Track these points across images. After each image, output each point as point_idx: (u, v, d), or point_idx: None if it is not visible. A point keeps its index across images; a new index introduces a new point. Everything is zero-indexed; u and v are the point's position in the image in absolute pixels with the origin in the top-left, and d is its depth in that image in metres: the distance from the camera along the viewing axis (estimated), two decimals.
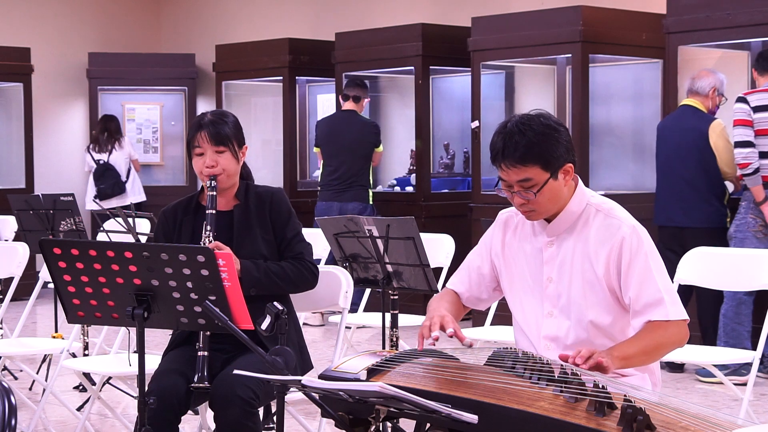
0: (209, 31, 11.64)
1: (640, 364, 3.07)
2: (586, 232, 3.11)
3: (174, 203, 4.00)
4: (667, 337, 3.02)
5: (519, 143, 3.01)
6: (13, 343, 5.41)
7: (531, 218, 3.14)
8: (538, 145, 3.00)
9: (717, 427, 2.44)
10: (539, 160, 3.01)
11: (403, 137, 9.77)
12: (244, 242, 3.83)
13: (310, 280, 3.89)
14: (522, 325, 3.25)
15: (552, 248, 3.15)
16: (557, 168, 3.04)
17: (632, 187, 8.21)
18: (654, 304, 3.02)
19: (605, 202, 3.17)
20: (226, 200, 3.91)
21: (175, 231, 3.91)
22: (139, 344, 3.24)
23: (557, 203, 3.10)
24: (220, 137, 3.84)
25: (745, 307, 6.43)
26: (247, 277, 3.73)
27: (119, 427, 5.38)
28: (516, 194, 3.06)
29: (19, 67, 10.48)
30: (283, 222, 3.89)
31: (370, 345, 7.37)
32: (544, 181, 3.02)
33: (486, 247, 3.34)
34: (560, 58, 8.31)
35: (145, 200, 10.13)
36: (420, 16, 9.47)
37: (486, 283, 3.34)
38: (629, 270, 3.04)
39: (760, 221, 6.43)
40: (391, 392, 2.44)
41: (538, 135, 3.01)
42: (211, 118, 3.89)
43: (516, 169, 3.02)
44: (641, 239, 3.07)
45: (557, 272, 3.14)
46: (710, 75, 6.78)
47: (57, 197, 6.54)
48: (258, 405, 3.57)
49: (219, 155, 3.85)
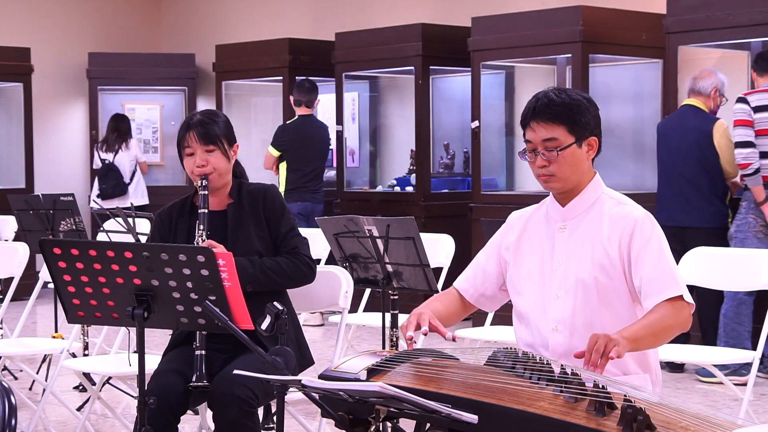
0: (209, 31, 11.64)
1: (648, 347, 3.08)
2: (599, 218, 3.16)
3: (169, 205, 4.01)
4: (674, 319, 3.03)
5: (552, 102, 3.13)
6: (13, 343, 5.41)
7: (549, 184, 3.17)
8: (569, 107, 3.13)
9: (717, 427, 2.44)
10: (567, 120, 3.12)
11: (403, 137, 9.77)
12: (239, 240, 3.84)
13: (306, 273, 3.88)
14: (525, 312, 3.24)
15: (564, 233, 3.19)
16: (583, 136, 3.15)
17: (632, 187, 8.21)
18: (668, 283, 3.05)
19: (619, 194, 3.26)
20: (219, 199, 3.91)
21: (170, 233, 3.92)
22: (139, 344, 3.24)
23: (576, 173, 3.16)
24: (209, 136, 3.86)
25: (745, 307, 6.43)
26: (243, 274, 3.72)
27: (119, 427, 5.38)
28: (539, 155, 3.13)
29: (19, 67, 10.48)
30: (277, 218, 3.89)
31: (370, 345, 7.37)
32: (568, 144, 3.11)
33: (494, 245, 3.37)
34: (560, 58, 8.31)
35: (147, 203, 10.11)
36: (420, 16, 9.47)
37: (491, 280, 3.35)
38: (641, 251, 3.08)
39: (760, 221, 6.43)
40: (391, 392, 2.44)
41: (571, 99, 3.15)
42: (200, 118, 3.90)
43: (544, 124, 3.12)
44: (654, 225, 3.13)
45: (566, 255, 3.17)
46: (712, 75, 6.78)
47: (57, 197, 6.54)
48: (257, 404, 3.57)
49: (209, 154, 3.86)
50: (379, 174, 10.18)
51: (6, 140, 10.98)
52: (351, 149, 10.04)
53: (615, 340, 2.83)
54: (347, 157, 9.76)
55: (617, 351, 2.81)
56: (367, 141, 10.24)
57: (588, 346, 2.83)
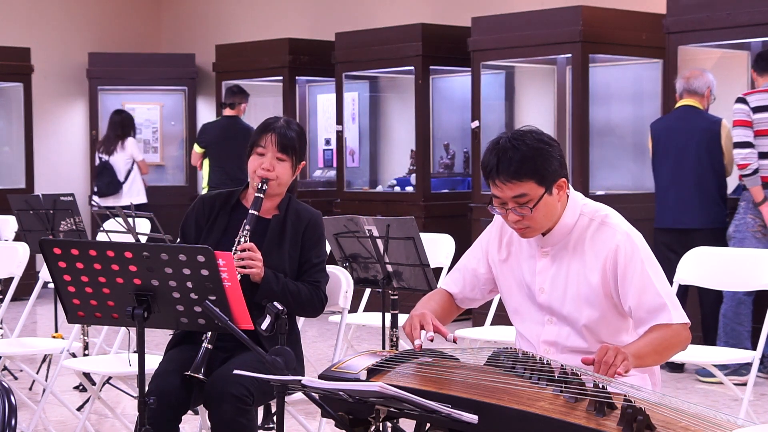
0: (209, 31, 11.64)
1: (651, 364, 3.07)
2: (581, 246, 3.10)
3: (214, 193, 4.00)
4: (674, 338, 3.02)
5: (513, 158, 2.97)
6: (13, 343, 5.41)
7: (526, 235, 3.10)
8: (533, 160, 2.97)
9: (717, 427, 2.44)
10: (534, 174, 2.98)
11: (403, 137, 9.77)
12: (272, 253, 3.83)
13: (318, 309, 3.90)
14: (521, 330, 3.25)
15: (546, 259, 3.14)
16: (552, 182, 3.02)
17: (632, 187, 8.21)
18: (656, 310, 3.02)
19: (598, 209, 3.15)
20: (266, 208, 3.90)
21: (208, 220, 3.91)
22: (139, 344, 3.24)
23: (552, 218, 3.08)
24: (286, 146, 3.86)
25: (744, 307, 6.43)
26: (266, 287, 3.73)
27: (119, 427, 5.38)
28: (511, 211, 3.02)
29: (19, 67, 10.48)
30: (313, 245, 3.90)
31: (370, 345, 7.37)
32: (540, 197, 3.00)
33: (482, 250, 3.33)
34: (560, 58, 8.32)
35: (145, 202, 10.09)
36: (420, 16, 9.47)
37: (480, 285, 3.34)
38: (626, 278, 3.03)
39: (759, 221, 6.43)
40: (391, 392, 2.44)
41: (532, 149, 2.98)
42: (283, 125, 3.89)
43: (511, 184, 2.98)
44: (636, 245, 3.06)
45: (550, 284, 3.13)
46: (704, 74, 6.78)
47: (57, 197, 6.54)
48: (252, 402, 3.56)
49: (279, 162, 3.86)
50: (379, 174, 10.18)
51: (6, 140, 10.99)
52: (351, 149, 10.04)
53: (624, 354, 2.82)
54: (347, 157, 9.77)
55: (626, 366, 2.80)
56: (367, 141, 10.25)
57: (597, 357, 2.82)
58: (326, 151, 10.59)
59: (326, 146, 10.59)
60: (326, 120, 10.53)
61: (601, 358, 2.81)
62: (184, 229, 3.95)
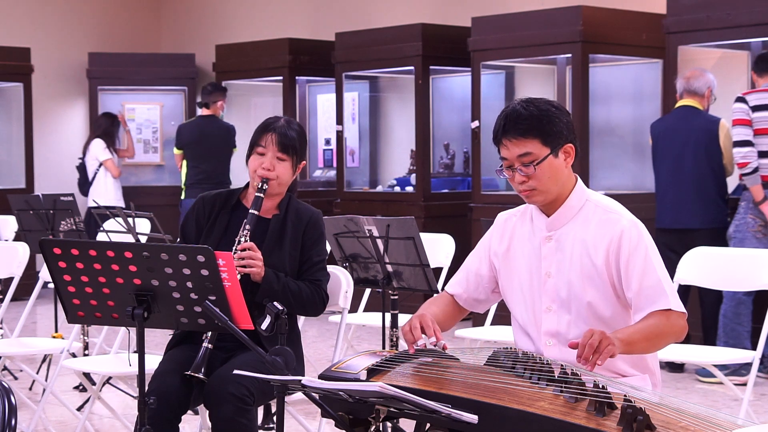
0: (209, 31, 11.64)
1: (642, 351, 3.06)
2: (585, 227, 3.12)
3: (215, 192, 4.00)
4: (669, 327, 3.02)
5: (520, 117, 3.08)
6: (13, 343, 5.41)
7: (532, 198, 3.14)
8: (539, 119, 3.08)
9: (717, 427, 2.44)
10: (539, 133, 3.07)
11: (403, 137, 9.77)
12: (273, 253, 3.83)
13: (319, 308, 3.90)
14: (522, 324, 3.25)
15: (550, 243, 3.16)
16: (557, 145, 3.09)
17: (632, 187, 8.21)
18: (656, 295, 3.03)
19: (604, 199, 3.20)
20: (267, 208, 3.90)
21: (209, 219, 3.91)
22: (139, 344, 3.24)
23: (557, 183, 3.12)
24: (286, 146, 3.86)
25: (744, 307, 6.43)
26: (267, 286, 3.74)
27: (119, 427, 5.38)
28: (516, 171, 3.09)
29: (19, 67, 10.48)
30: (314, 244, 3.90)
31: (370, 345, 7.37)
32: (544, 156, 3.07)
33: (485, 249, 3.35)
34: (560, 58, 8.32)
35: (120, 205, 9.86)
36: (420, 16, 9.47)
37: (484, 284, 3.35)
38: (629, 263, 3.05)
39: (759, 221, 6.43)
40: (391, 392, 2.44)
41: (540, 110, 3.09)
42: (283, 125, 3.89)
43: (516, 140, 3.07)
44: (641, 233, 3.09)
45: (556, 267, 3.14)
46: (704, 75, 6.78)
47: (57, 197, 6.54)
48: (252, 402, 3.57)
49: (279, 162, 3.86)
50: (379, 174, 10.18)
51: (6, 140, 10.98)
52: (351, 149, 10.04)
53: (610, 338, 2.83)
54: (347, 157, 9.77)
55: (611, 350, 2.80)
56: (367, 141, 10.25)
57: (582, 341, 2.82)
58: (326, 151, 10.59)
59: (326, 146, 10.59)
60: (326, 120, 10.53)
61: (585, 341, 2.81)
62: (184, 228, 3.96)
